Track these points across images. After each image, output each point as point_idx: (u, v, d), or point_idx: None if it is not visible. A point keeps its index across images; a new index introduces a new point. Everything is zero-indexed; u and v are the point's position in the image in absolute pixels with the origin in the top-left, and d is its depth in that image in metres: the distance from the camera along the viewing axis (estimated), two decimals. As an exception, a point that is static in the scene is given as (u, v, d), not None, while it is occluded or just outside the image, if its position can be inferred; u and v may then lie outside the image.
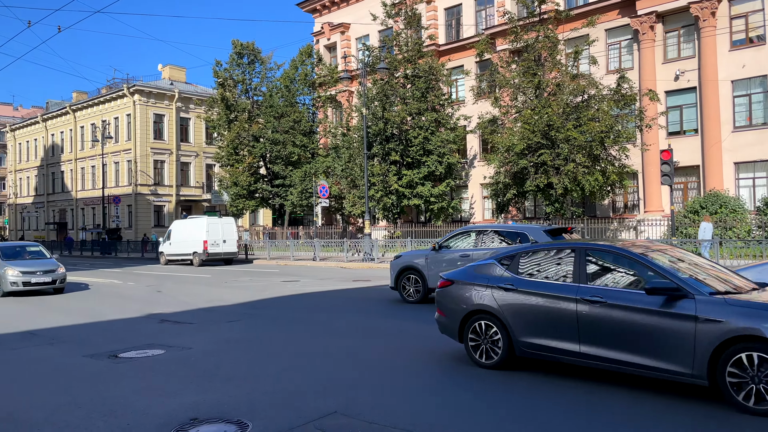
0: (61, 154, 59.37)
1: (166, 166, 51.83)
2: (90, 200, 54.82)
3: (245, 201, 40.82)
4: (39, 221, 63.58)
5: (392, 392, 6.33)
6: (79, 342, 9.67)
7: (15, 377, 7.41)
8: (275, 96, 40.14)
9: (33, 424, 5.54)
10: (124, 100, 50.61)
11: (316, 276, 21.50)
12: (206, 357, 8.27)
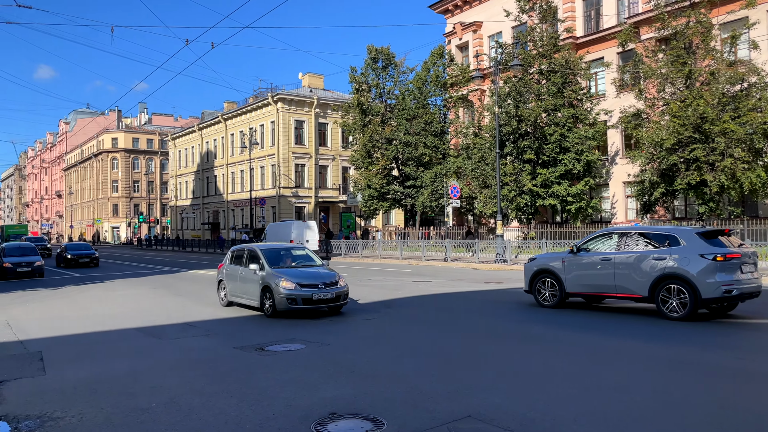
0: (214, 160, 64.72)
1: (306, 170, 54.59)
2: (239, 202, 59.20)
3: (378, 202, 41.85)
4: (195, 221, 69.81)
5: (528, 399, 6.14)
6: (231, 334, 10.45)
7: (177, 365, 8.16)
8: (407, 98, 40.75)
9: (191, 409, 6.07)
10: (269, 108, 54.04)
11: (447, 276, 21.49)
12: (343, 353, 8.57)
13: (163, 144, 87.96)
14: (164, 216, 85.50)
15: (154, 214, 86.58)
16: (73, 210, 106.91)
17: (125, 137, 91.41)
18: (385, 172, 41.74)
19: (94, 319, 12.69)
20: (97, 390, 6.79)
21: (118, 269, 29.58)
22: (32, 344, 9.85)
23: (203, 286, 19.47)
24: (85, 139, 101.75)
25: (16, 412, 6.01)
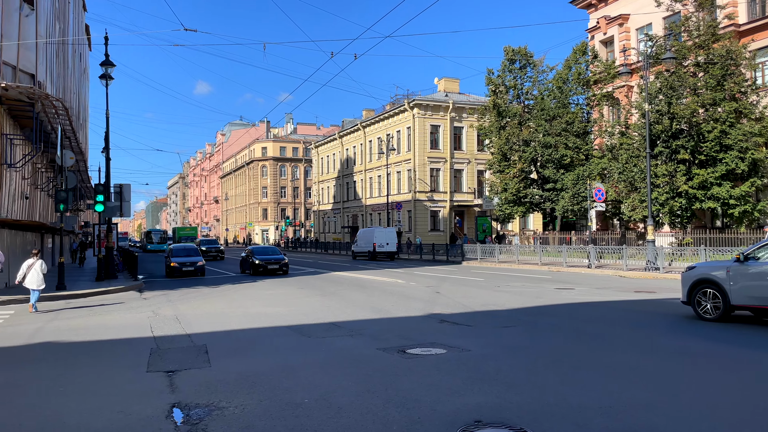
0: (354, 166, 67.15)
1: (441, 174, 54.81)
2: (377, 206, 60.85)
3: (514, 206, 40.88)
4: (336, 225, 72.86)
5: (693, 424, 5.65)
6: (373, 336, 10.75)
7: (325, 364, 8.55)
8: (547, 99, 39.44)
9: (340, 407, 6.32)
10: (405, 114, 55.02)
11: (591, 284, 20.45)
12: (485, 360, 8.46)
13: (307, 152, 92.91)
14: (308, 219, 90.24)
15: (298, 217, 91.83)
16: (228, 214, 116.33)
17: (273, 146, 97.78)
18: (522, 175, 40.71)
19: (249, 316, 13.68)
20: (255, 383, 7.30)
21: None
22: (198, 338, 10.83)
23: (344, 287, 20.24)
24: (238, 149, 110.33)
25: (188, 401, 6.63)
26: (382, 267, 32.64)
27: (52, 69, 23.85)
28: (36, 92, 18.79)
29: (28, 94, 18.58)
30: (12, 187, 19.73)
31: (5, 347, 10.30)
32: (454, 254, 38.14)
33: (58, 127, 21.47)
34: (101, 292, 19.61)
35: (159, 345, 10.15)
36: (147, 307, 15.70)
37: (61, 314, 14.58)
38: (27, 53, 19.90)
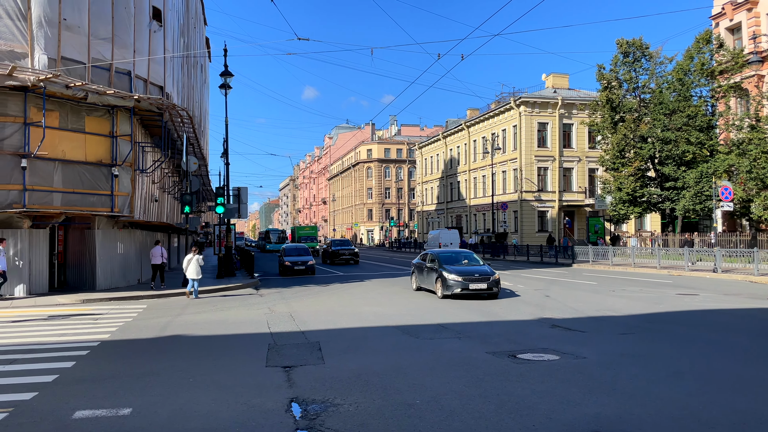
0: (457, 166, 66.75)
1: (549, 173, 53.15)
2: (481, 207, 60.11)
3: (629, 206, 38.76)
4: (440, 225, 72.76)
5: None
6: (481, 339, 10.64)
7: (434, 365, 8.58)
8: (665, 92, 37.04)
9: (452, 410, 6.31)
10: (511, 112, 53.92)
11: (717, 290, 18.98)
12: (601, 368, 8.11)
13: (411, 153, 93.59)
14: (411, 220, 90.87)
15: (402, 218, 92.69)
16: (335, 215, 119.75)
17: (378, 148, 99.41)
18: (638, 174, 38.50)
19: (358, 315, 14.01)
20: (368, 382, 7.47)
21: (374, 269, 32.19)
22: (311, 335, 11.24)
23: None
24: (345, 152, 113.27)
25: (304, 396, 6.91)
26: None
27: (177, 80, 25.73)
28: (164, 103, 20.35)
29: (158, 105, 20.16)
30: (143, 191, 21.49)
31: (141, 338, 11.24)
32: (563, 256, 36.85)
33: (183, 134, 23.13)
34: (221, 288, 20.87)
35: (276, 341, 10.65)
36: (263, 304, 16.52)
37: (187, 309, 15.68)
38: (156, 67, 21.59)
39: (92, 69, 18.37)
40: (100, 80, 18.65)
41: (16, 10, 16.83)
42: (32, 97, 17.17)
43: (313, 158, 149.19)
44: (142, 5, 20.54)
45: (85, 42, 18.25)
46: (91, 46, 18.40)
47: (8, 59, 16.60)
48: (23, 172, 16.97)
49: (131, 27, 19.86)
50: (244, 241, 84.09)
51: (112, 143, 19.19)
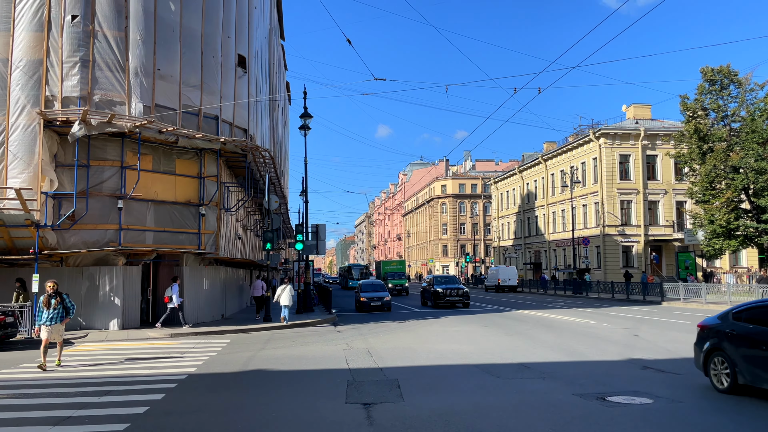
0: (535, 201, 65.42)
1: (633, 206, 51.07)
2: (561, 242, 58.39)
3: (723, 240, 36.48)
4: (518, 261, 71.19)
5: None
6: (567, 379, 10.18)
7: (517, 406, 8.26)
8: (758, 120, 35.02)
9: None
10: (590, 145, 52.54)
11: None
12: (702, 414, 7.55)
13: (486, 188, 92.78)
14: (488, 256, 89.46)
15: (478, 254, 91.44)
16: (410, 251, 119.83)
17: (453, 184, 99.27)
18: (732, 205, 36.30)
19: (436, 352, 13.79)
20: (449, 422, 7.28)
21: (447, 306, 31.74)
22: (389, 372, 11.15)
23: (530, 326, 19.55)
24: (419, 188, 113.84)
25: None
26: (570, 306, 31.03)
27: (260, 123, 26.89)
28: (248, 144, 21.28)
29: (242, 147, 21.11)
30: (228, 229, 22.37)
31: (225, 372, 11.53)
32: (651, 293, 35.02)
33: (265, 174, 24.02)
34: (300, 324, 21.20)
35: (354, 377, 10.63)
36: (341, 340, 16.60)
37: (269, 344, 15.99)
38: (240, 110, 22.68)
39: (182, 114, 19.52)
40: (189, 125, 19.77)
41: (115, 63, 18.24)
42: (128, 142, 18.41)
43: (388, 195, 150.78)
44: (228, 54, 21.76)
45: (176, 90, 19.47)
46: (182, 93, 19.61)
47: (107, 107, 17.93)
48: (119, 212, 18.10)
49: (218, 74, 21.03)
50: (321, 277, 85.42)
51: (199, 184, 20.18)
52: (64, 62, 17.68)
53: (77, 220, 17.60)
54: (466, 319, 23.08)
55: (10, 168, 17.16)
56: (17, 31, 17.61)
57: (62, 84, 17.63)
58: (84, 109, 17.11)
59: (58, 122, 17.26)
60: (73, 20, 17.82)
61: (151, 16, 18.84)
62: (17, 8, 17.64)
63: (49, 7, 17.73)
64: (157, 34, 18.96)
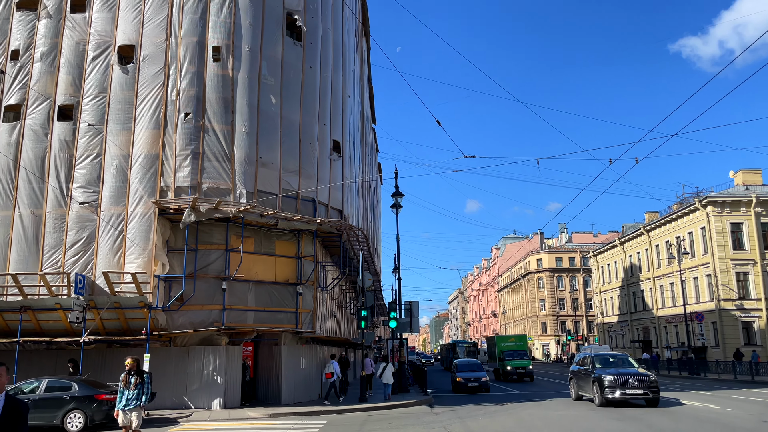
0: (639, 274, 61.91)
1: (751, 278, 47.06)
2: (671, 317, 54.43)
3: None
4: (624, 339, 66.80)
5: None
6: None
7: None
8: None
9: None
10: (696, 213, 49.68)
11: None
12: None
13: (585, 261, 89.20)
14: (591, 333, 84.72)
15: (580, 331, 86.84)
16: (506, 328, 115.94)
17: (548, 257, 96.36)
18: None
19: (541, 439, 12.94)
20: None
21: (552, 387, 30.06)
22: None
23: (643, 411, 18.00)
24: (513, 262, 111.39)
25: None
26: (686, 388, 28.42)
27: (353, 203, 27.75)
28: (343, 225, 21.92)
29: (337, 227, 21.76)
30: (324, 307, 22.76)
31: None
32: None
33: (359, 252, 24.50)
34: (396, 405, 20.76)
35: (454, 465, 10.14)
36: (438, 423, 16.03)
37: (366, 426, 15.72)
38: (335, 192, 23.55)
39: (282, 198, 20.55)
40: (288, 208, 20.73)
41: (222, 153, 19.68)
42: (233, 226, 19.51)
43: (481, 270, 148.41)
44: (324, 140, 22.92)
45: (276, 175, 20.63)
46: (282, 179, 20.74)
47: (215, 195, 19.22)
48: (223, 293, 18.96)
49: (315, 159, 22.13)
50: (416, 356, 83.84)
51: (297, 264, 20.87)
52: (178, 155, 19.30)
53: (185, 302, 18.58)
54: (571, 403, 21.67)
55: (128, 254, 18.58)
56: (137, 129, 19.54)
57: (175, 175, 19.17)
58: (194, 197, 18.45)
59: (170, 210, 18.66)
60: (186, 117, 19.58)
61: (254, 110, 20.37)
62: (137, 110, 19.66)
63: (165, 107, 19.62)
64: (259, 125, 20.41)
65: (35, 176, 19.32)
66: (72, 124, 19.73)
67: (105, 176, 19.27)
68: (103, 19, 20.44)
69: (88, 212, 18.98)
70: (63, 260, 18.68)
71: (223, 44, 20.39)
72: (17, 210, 19.19)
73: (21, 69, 20.29)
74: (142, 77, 19.88)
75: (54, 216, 19.05)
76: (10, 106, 20.19)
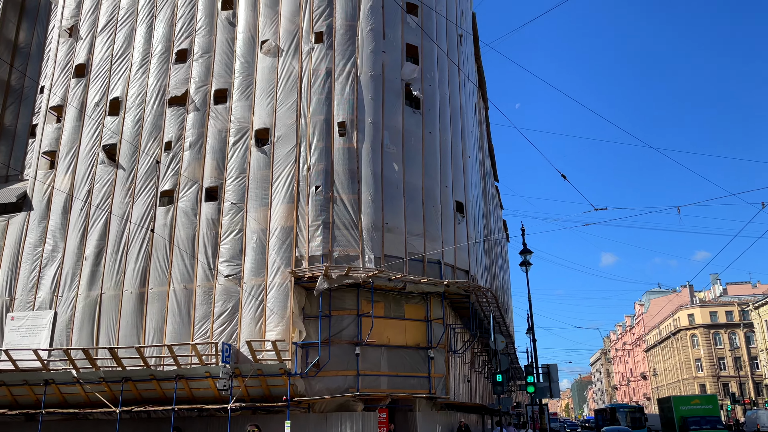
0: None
1: None
2: None
3: None
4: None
5: None
6: None
7: None
8: None
9: None
10: None
11: None
12: None
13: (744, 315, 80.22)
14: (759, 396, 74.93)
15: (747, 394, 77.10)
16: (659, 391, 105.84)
17: (701, 312, 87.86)
18: None
19: None
20: None
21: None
22: None
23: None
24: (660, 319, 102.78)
25: None
26: None
27: (480, 263, 27.40)
28: (471, 285, 21.67)
29: (465, 288, 21.54)
30: (456, 371, 22.30)
31: None
32: None
33: (489, 313, 23.96)
34: (540, 476, 19.49)
35: None
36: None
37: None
38: (461, 253, 23.45)
39: (408, 262, 20.82)
40: (414, 271, 20.92)
41: (350, 222, 20.49)
42: (362, 292, 19.99)
43: (624, 328, 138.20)
44: (447, 202, 23.12)
45: (401, 239, 21.02)
46: (407, 242, 21.08)
47: (344, 262, 19.91)
48: (357, 358, 19.26)
49: (438, 221, 22.31)
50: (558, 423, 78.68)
51: (426, 327, 20.80)
52: (310, 226, 20.37)
53: (321, 368, 19.08)
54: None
55: (268, 322, 19.59)
56: (273, 204, 20.96)
57: (308, 245, 20.19)
58: (326, 265, 19.25)
59: (305, 278, 19.56)
60: (316, 190, 20.75)
61: (378, 178, 21.14)
62: (273, 187, 21.16)
63: (298, 182, 20.94)
64: (384, 192, 21.09)
65: (186, 253, 21.21)
66: (217, 204, 21.60)
67: (246, 250, 20.72)
68: (242, 107, 22.53)
69: (233, 284, 20.39)
70: (211, 330, 20.07)
71: (348, 119, 21.60)
72: (171, 285, 21.06)
73: (173, 158, 22.72)
74: (277, 156, 21.48)
75: (203, 289, 20.67)
76: (165, 191, 22.55)
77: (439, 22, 25.19)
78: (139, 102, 23.87)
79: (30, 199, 23.76)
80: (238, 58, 23.14)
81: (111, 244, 22.07)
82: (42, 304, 22.04)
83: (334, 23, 22.75)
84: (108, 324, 21.12)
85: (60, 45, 25.99)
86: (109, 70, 24.78)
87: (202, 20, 24.04)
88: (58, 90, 25.20)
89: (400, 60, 23.20)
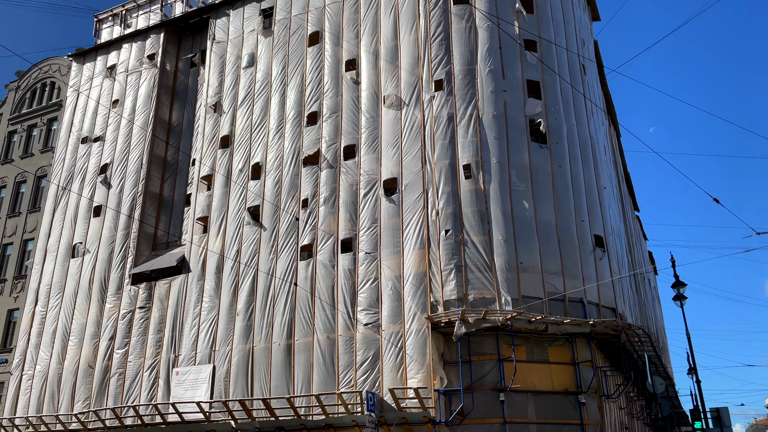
0: None
1: None
2: None
3: None
4: None
5: None
6: None
7: None
8: None
9: None
10: None
11: None
12: None
13: None
14: None
15: None
16: None
17: None
18: None
19: None
20: None
21: None
22: None
23: None
24: None
25: None
26: None
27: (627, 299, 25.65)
28: (619, 324, 20.32)
29: (613, 327, 20.23)
30: (612, 418, 20.76)
31: None
32: None
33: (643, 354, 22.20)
34: None
35: None
36: None
37: None
38: (605, 290, 22.15)
39: (548, 302, 20.02)
40: (555, 311, 20.04)
41: (483, 264, 20.21)
42: (502, 335, 19.44)
43: None
44: (584, 237, 22.09)
45: (539, 279, 20.31)
46: (545, 282, 20.32)
47: (480, 305, 19.57)
48: (502, 405, 18.62)
49: (577, 258, 21.32)
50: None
51: (574, 370, 19.68)
52: (443, 270, 20.36)
53: (466, 416, 18.65)
54: None
55: (408, 369, 19.63)
56: (405, 251, 21.27)
57: (442, 290, 20.14)
58: (462, 309, 19.03)
59: (442, 324, 19.44)
60: (446, 234, 20.79)
61: (509, 217, 20.77)
62: (404, 234, 21.53)
63: (428, 228, 21.14)
64: (515, 231, 20.65)
65: (327, 304, 22.01)
66: (352, 255, 22.32)
67: (382, 298, 21.09)
68: (369, 160, 23.39)
69: (372, 332, 20.77)
70: (355, 378, 20.46)
71: (473, 161, 21.61)
72: (315, 336, 21.88)
73: (310, 214, 23.95)
74: (405, 204, 21.91)
75: (344, 338, 21.24)
76: (304, 246, 23.73)
77: (560, 54, 24.71)
78: (277, 165, 25.61)
79: (188, 261, 26.07)
80: (364, 114, 24.19)
81: (259, 299, 23.49)
82: (202, 358, 23.80)
83: (452, 69, 23.13)
84: (260, 375, 22.29)
85: (207, 120, 28.75)
86: (249, 138, 26.95)
87: (328, 83, 25.54)
88: (207, 161, 27.77)
89: (522, 97, 22.96)
